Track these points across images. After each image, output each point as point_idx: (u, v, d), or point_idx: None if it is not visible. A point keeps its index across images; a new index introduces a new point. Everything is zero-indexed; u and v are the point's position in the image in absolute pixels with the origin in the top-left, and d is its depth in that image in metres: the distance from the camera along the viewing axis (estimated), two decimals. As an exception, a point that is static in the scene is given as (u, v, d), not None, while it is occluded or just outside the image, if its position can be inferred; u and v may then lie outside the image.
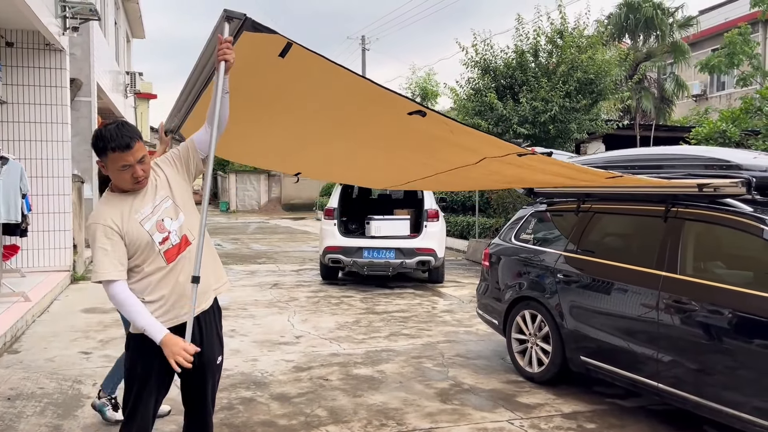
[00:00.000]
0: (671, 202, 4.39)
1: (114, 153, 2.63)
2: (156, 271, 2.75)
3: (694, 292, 4.04)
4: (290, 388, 5.08)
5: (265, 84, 3.44)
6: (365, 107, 3.57)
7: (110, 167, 2.70)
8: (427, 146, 4.04)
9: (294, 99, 3.65)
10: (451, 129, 3.52)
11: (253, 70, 3.16)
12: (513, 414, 4.58)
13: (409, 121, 3.47)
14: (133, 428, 2.80)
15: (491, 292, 6.01)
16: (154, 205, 2.80)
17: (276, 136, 4.30)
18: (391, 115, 3.56)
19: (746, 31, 21.59)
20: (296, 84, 3.38)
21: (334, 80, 3.23)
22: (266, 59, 3.01)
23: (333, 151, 4.55)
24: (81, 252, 10.62)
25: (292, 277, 10.95)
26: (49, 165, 9.57)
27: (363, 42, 34.02)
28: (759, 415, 3.60)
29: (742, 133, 12.27)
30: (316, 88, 3.43)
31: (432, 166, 4.54)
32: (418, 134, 3.77)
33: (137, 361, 2.82)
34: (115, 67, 18.25)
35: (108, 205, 2.76)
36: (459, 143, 3.82)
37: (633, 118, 21.52)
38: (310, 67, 3.11)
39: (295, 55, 2.94)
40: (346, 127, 3.95)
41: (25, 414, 4.20)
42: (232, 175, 35.40)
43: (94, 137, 2.70)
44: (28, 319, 6.94)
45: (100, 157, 2.71)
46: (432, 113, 3.38)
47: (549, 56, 13.28)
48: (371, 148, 4.36)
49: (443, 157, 4.20)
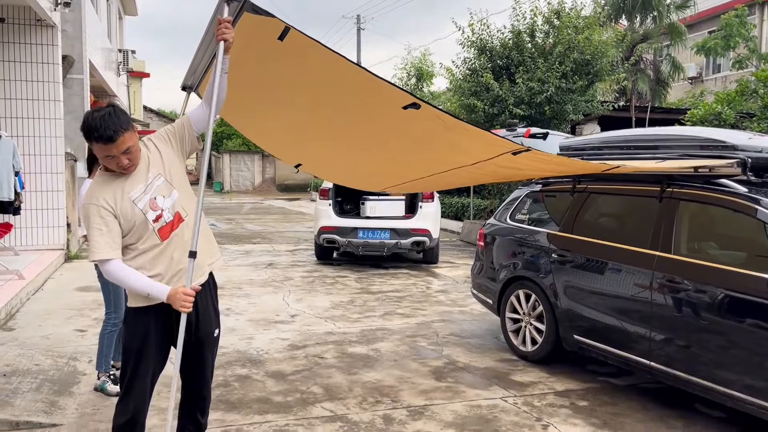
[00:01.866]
0: (666, 182, 4.40)
1: (98, 143, 2.66)
2: (151, 248, 2.79)
3: (687, 272, 4.07)
4: (285, 365, 5.11)
5: (266, 65, 3.45)
6: (360, 99, 3.58)
7: (96, 153, 2.75)
8: (422, 146, 4.04)
9: (292, 87, 3.68)
10: (445, 124, 3.52)
11: (254, 50, 3.18)
12: (506, 392, 4.62)
13: (404, 117, 3.46)
14: (130, 402, 2.83)
15: (486, 272, 6.03)
16: (146, 184, 2.81)
17: (277, 124, 4.31)
18: (386, 110, 3.57)
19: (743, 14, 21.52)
20: (294, 71, 3.41)
21: (331, 68, 3.26)
22: (266, 40, 3.04)
23: (330, 149, 4.56)
24: (75, 231, 10.58)
25: (287, 257, 10.96)
26: (42, 143, 9.50)
27: (358, 21, 33.68)
28: (750, 393, 3.65)
29: (737, 116, 12.28)
30: (313, 76, 3.46)
31: (427, 167, 4.55)
32: (413, 132, 3.77)
33: (134, 336, 2.85)
34: (108, 44, 18.05)
35: (101, 184, 2.77)
36: (454, 144, 3.82)
37: (629, 100, 21.48)
38: (307, 53, 3.15)
39: (293, 40, 2.97)
40: (342, 121, 3.95)
41: (21, 390, 4.22)
42: (226, 156, 35.24)
43: (83, 122, 2.71)
44: (23, 297, 6.93)
45: (88, 142, 2.74)
46: (426, 105, 3.39)
47: (546, 37, 13.20)
48: (367, 149, 4.38)
49: (439, 158, 4.21)
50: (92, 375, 4.68)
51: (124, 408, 2.84)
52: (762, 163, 4.22)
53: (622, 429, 3.99)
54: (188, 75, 3.91)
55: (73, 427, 3.83)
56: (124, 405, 2.85)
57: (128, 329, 2.90)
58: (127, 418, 2.83)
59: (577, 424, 4.05)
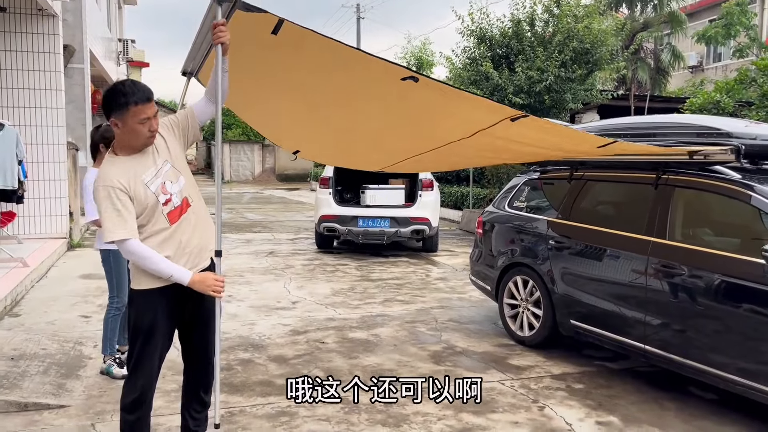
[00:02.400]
0: (662, 169, 4.46)
1: (136, 106, 2.74)
2: (160, 231, 2.88)
3: (682, 257, 4.15)
4: (287, 350, 5.20)
5: (262, 59, 3.54)
6: (358, 76, 3.65)
7: (129, 122, 2.77)
8: (421, 116, 4.09)
9: (289, 73, 3.75)
10: (443, 92, 3.58)
11: (248, 46, 3.28)
12: (504, 375, 4.71)
13: (402, 88, 3.53)
14: (138, 381, 2.91)
15: (484, 258, 6.11)
16: (156, 168, 2.90)
17: (275, 108, 4.37)
18: (384, 82, 3.64)
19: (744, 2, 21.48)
20: (290, 59, 3.49)
21: (326, 52, 3.35)
22: (260, 36, 3.14)
23: (328, 126, 4.62)
24: (77, 219, 10.66)
25: (288, 246, 11.04)
26: (44, 132, 9.55)
27: (358, 10, 33.61)
28: (742, 375, 3.74)
29: (736, 104, 12.32)
30: (310, 61, 3.54)
31: (425, 142, 4.59)
32: (411, 103, 3.83)
33: (142, 317, 2.93)
34: (108, 33, 18.05)
35: (114, 166, 2.83)
36: (452, 112, 3.87)
37: (628, 89, 21.50)
38: (302, 42, 3.23)
39: (287, 32, 3.08)
40: (341, 97, 4.02)
41: (29, 373, 4.31)
42: (226, 146, 35.23)
43: (113, 93, 2.77)
44: (27, 284, 7.02)
45: (118, 112, 2.76)
46: (423, 78, 3.46)
47: (545, 25, 13.20)
48: (365, 122, 4.42)
49: (436, 129, 4.25)
50: (98, 359, 4.78)
51: (132, 387, 2.93)
52: (756, 150, 4.29)
53: (617, 410, 4.08)
54: (188, 61, 3.99)
55: (81, 408, 3.92)
56: (132, 384, 2.94)
57: (136, 311, 2.96)
58: (135, 396, 2.93)
59: (573, 406, 4.14)
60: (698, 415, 4.02)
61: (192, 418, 3.19)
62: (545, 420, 3.93)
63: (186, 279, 2.82)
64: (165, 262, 2.81)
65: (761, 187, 3.91)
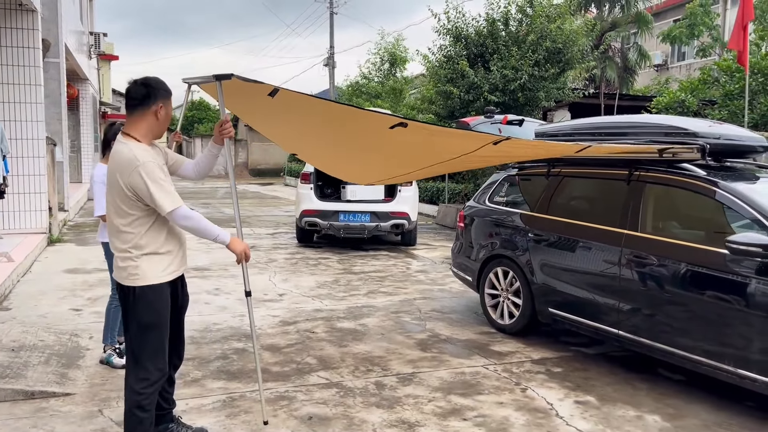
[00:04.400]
0: (634, 166, 4.78)
1: (171, 97, 3.12)
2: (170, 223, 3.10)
3: (652, 248, 4.47)
4: (279, 339, 5.41)
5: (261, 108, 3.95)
6: (351, 126, 4.08)
7: (170, 109, 3.12)
8: (410, 150, 4.48)
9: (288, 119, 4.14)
10: (430, 132, 4.00)
11: (250, 100, 3.69)
12: (487, 360, 4.99)
13: (392, 133, 3.90)
14: (160, 380, 3.10)
15: (466, 251, 6.38)
16: (163, 162, 3.17)
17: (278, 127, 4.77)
18: (376, 130, 4.09)
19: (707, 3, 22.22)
20: (288, 113, 3.88)
21: (321, 110, 3.83)
22: (259, 97, 3.59)
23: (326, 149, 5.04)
24: (56, 215, 10.65)
25: (268, 240, 11.19)
26: (23, 127, 9.54)
27: (331, 5, 33.63)
28: (707, 356, 4.06)
29: (700, 103, 12.84)
30: (305, 115, 3.99)
31: (415, 164, 4.98)
32: (402, 139, 4.17)
33: (154, 312, 3.05)
34: (80, 27, 17.88)
35: (147, 152, 3.03)
36: (440, 144, 4.27)
37: (597, 87, 22.06)
38: (297, 103, 3.70)
39: (283, 96, 3.53)
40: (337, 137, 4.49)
41: (31, 363, 4.43)
42: (198, 140, 35.05)
43: (161, 83, 3.09)
44: (14, 279, 7.07)
45: (166, 99, 3.09)
46: (412, 123, 3.83)
47: (519, 25, 13.54)
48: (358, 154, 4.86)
49: (426, 156, 4.66)
50: (95, 350, 4.92)
51: (152, 384, 3.06)
52: (720, 149, 4.64)
53: (593, 391, 4.39)
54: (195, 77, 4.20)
55: (87, 396, 4.08)
56: (150, 381, 3.06)
57: (146, 307, 3.02)
58: (155, 389, 3.09)
59: (553, 387, 4.44)
60: (668, 394, 4.35)
61: (163, 399, 3.34)
62: (528, 400, 4.21)
63: (227, 239, 3.15)
64: (212, 225, 3.11)
65: (725, 183, 4.25)
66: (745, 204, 4.07)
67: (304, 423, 3.79)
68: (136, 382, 3.07)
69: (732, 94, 11.75)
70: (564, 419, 3.93)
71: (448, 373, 4.67)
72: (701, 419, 3.96)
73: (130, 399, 3.07)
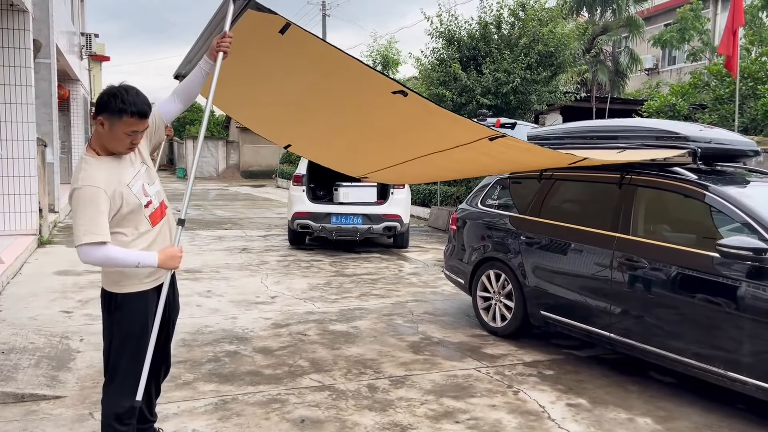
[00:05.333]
0: (626, 169, 4.81)
1: (131, 118, 2.75)
2: (144, 233, 2.92)
3: (644, 251, 4.49)
4: (271, 342, 5.39)
5: (265, 53, 3.73)
6: (353, 84, 3.89)
7: (117, 129, 2.76)
8: (406, 127, 4.37)
9: (288, 76, 3.98)
10: (428, 109, 3.87)
11: (254, 41, 3.46)
12: (479, 363, 5.00)
13: (391, 100, 3.80)
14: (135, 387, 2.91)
15: (458, 253, 6.39)
16: (135, 171, 2.94)
17: (271, 107, 4.58)
18: (376, 92, 3.90)
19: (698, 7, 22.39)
20: (291, 59, 3.71)
21: (326, 57, 3.59)
22: (267, 33, 3.32)
23: (319, 130, 4.85)
24: (46, 216, 10.58)
25: (260, 242, 11.17)
26: (13, 128, 9.46)
27: (324, 7, 33.68)
28: (697, 359, 4.09)
29: (691, 107, 12.93)
30: (309, 64, 3.78)
31: (409, 149, 4.85)
32: (399, 114, 4.10)
33: (134, 320, 2.93)
34: (71, 27, 17.78)
35: (99, 169, 2.79)
36: (435, 126, 4.16)
37: (589, 91, 22.19)
38: (305, 44, 3.46)
39: (293, 34, 3.25)
40: (334, 101, 4.26)
41: (21, 366, 4.40)
42: (189, 141, 34.87)
43: (113, 96, 2.74)
44: (4, 281, 7.01)
45: (110, 116, 2.74)
46: (412, 93, 3.73)
47: (511, 29, 13.60)
48: (355, 127, 4.67)
49: (420, 139, 4.53)
50: (86, 352, 4.90)
51: (131, 392, 2.89)
52: (711, 153, 4.68)
53: (585, 393, 4.41)
54: (183, 64, 4.14)
55: (77, 399, 4.05)
56: (126, 391, 2.91)
57: (127, 315, 2.92)
58: (132, 403, 2.91)
59: (545, 390, 4.45)
60: (659, 397, 4.37)
61: (148, 410, 3.27)
62: (520, 403, 4.22)
63: (155, 261, 2.81)
64: (131, 253, 2.79)
65: (715, 186, 4.28)
66: (736, 207, 4.10)
67: (296, 426, 3.78)
68: (113, 392, 2.96)
69: (722, 98, 11.85)
70: (556, 422, 3.94)
71: (441, 376, 4.68)
72: (692, 421, 3.99)
73: (107, 411, 2.96)
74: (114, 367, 2.97)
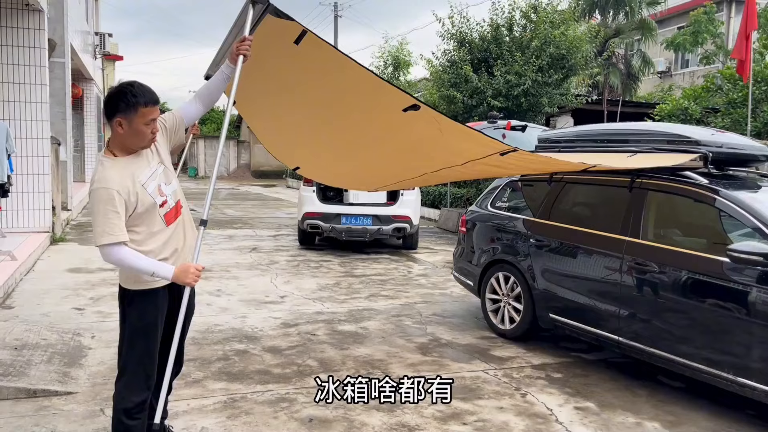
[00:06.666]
0: (636, 173, 4.80)
1: (146, 107, 2.82)
2: (158, 233, 2.96)
3: (654, 255, 4.48)
4: (280, 341, 5.42)
5: (278, 68, 3.77)
6: (364, 100, 3.90)
7: (136, 123, 2.83)
8: (418, 147, 4.38)
9: (301, 87, 3.99)
10: (440, 126, 3.86)
11: (269, 54, 3.51)
12: (488, 365, 5.01)
13: (403, 119, 3.80)
14: (147, 383, 3.00)
15: (467, 255, 6.40)
16: (151, 171, 2.97)
17: (281, 125, 4.61)
18: (387, 112, 3.90)
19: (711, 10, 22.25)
20: (305, 71, 3.74)
21: (340, 68, 3.61)
22: (282, 44, 3.35)
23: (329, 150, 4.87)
24: (59, 214, 10.68)
25: (270, 242, 11.22)
26: (28, 126, 9.58)
27: (336, 9, 33.73)
28: (707, 364, 4.08)
29: (703, 111, 12.86)
30: (322, 76, 3.79)
31: (420, 167, 4.88)
32: (411, 134, 4.09)
33: (145, 316, 2.98)
34: (85, 27, 17.94)
35: (113, 169, 2.84)
36: (447, 145, 4.16)
37: (600, 93, 22.10)
38: (319, 55, 3.48)
39: (308, 43, 3.29)
40: (345, 122, 4.28)
41: (33, 362, 4.46)
42: (201, 141, 35.09)
43: (121, 93, 2.81)
44: (17, 277, 7.10)
45: (126, 112, 2.80)
46: (425, 107, 3.72)
47: (523, 31, 13.59)
48: (366, 148, 4.69)
49: (432, 158, 4.56)
50: (97, 349, 4.95)
51: (139, 388, 2.97)
52: (723, 158, 4.66)
53: (593, 397, 4.40)
54: (212, 66, 4.19)
55: (88, 395, 4.10)
56: (138, 385, 2.97)
57: (137, 310, 2.96)
58: (143, 397, 2.98)
59: (553, 393, 4.45)
60: (667, 401, 4.36)
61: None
62: (528, 406, 4.23)
63: (169, 275, 2.87)
64: (147, 262, 2.85)
65: (726, 191, 4.26)
66: (747, 213, 4.09)
67: (304, 425, 3.81)
68: (124, 388, 3.00)
69: (735, 102, 11.78)
70: (564, 425, 3.94)
71: (449, 377, 4.68)
72: (700, 427, 3.97)
73: (118, 406, 3.00)
74: (124, 363, 3.02)
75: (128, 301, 3.00)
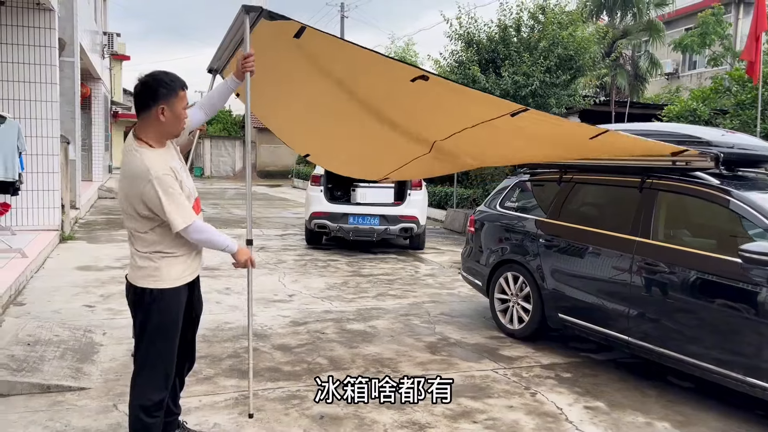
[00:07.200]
0: (646, 174, 4.80)
1: (183, 91, 2.90)
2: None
3: (664, 256, 4.48)
4: (290, 339, 5.45)
5: (282, 63, 3.82)
6: (372, 75, 3.91)
7: (176, 107, 2.89)
8: (427, 111, 4.35)
9: (306, 77, 4.04)
10: (450, 87, 3.87)
11: (270, 52, 3.57)
12: (497, 364, 5.02)
13: (412, 89, 3.81)
14: (167, 381, 3.05)
15: (476, 255, 6.41)
16: (181, 163, 3.08)
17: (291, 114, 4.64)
18: (395, 81, 3.91)
19: (719, 12, 22.16)
20: (309, 62, 3.78)
21: (343, 54, 3.66)
22: (282, 40, 3.41)
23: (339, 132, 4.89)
24: (68, 212, 10.74)
25: (277, 242, 11.25)
26: (38, 125, 9.63)
27: (342, 9, 33.80)
28: (717, 364, 4.08)
29: (711, 112, 12.82)
30: (328, 62, 3.83)
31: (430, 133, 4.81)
32: (420, 99, 4.09)
33: (168, 314, 3.00)
34: (94, 26, 18.04)
35: (158, 158, 2.88)
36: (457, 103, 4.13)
37: (608, 94, 22.07)
38: (322, 45, 3.54)
39: (308, 36, 3.35)
40: (355, 96, 4.27)
41: (46, 357, 4.49)
42: (207, 141, 35.18)
43: (159, 81, 2.85)
44: (28, 275, 7.14)
45: (168, 98, 2.85)
46: (434, 76, 3.74)
47: (531, 32, 13.59)
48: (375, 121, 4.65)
49: (442, 121, 4.49)
50: (109, 346, 4.99)
51: (159, 386, 3.01)
52: (734, 158, 4.65)
53: (603, 396, 4.41)
54: (214, 59, 4.24)
55: (101, 391, 4.13)
56: (157, 383, 3.00)
57: (160, 309, 2.96)
58: (162, 396, 3.02)
59: (562, 393, 4.46)
60: (677, 401, 4.37)
61: (173, 403, 3.31)
62: (538, 405, 4.24)
63: (235, 248, 3.10)
64: (221, 236, 3.04)
65: (738, 192, 4.27)
66: (758, 213, 4.09)
67: (315, 422, 3.83)
68: (142, 385, 3.02)
69: (744, 103, 11.73)
70: (574, 424, 3.95)
71: (458, 376, 4.69)
72: (710, 427, 3.98)
73: (136, 403, 3.01)
74: (143, 361, 3.03)
75: (150, 299, 2.96)
